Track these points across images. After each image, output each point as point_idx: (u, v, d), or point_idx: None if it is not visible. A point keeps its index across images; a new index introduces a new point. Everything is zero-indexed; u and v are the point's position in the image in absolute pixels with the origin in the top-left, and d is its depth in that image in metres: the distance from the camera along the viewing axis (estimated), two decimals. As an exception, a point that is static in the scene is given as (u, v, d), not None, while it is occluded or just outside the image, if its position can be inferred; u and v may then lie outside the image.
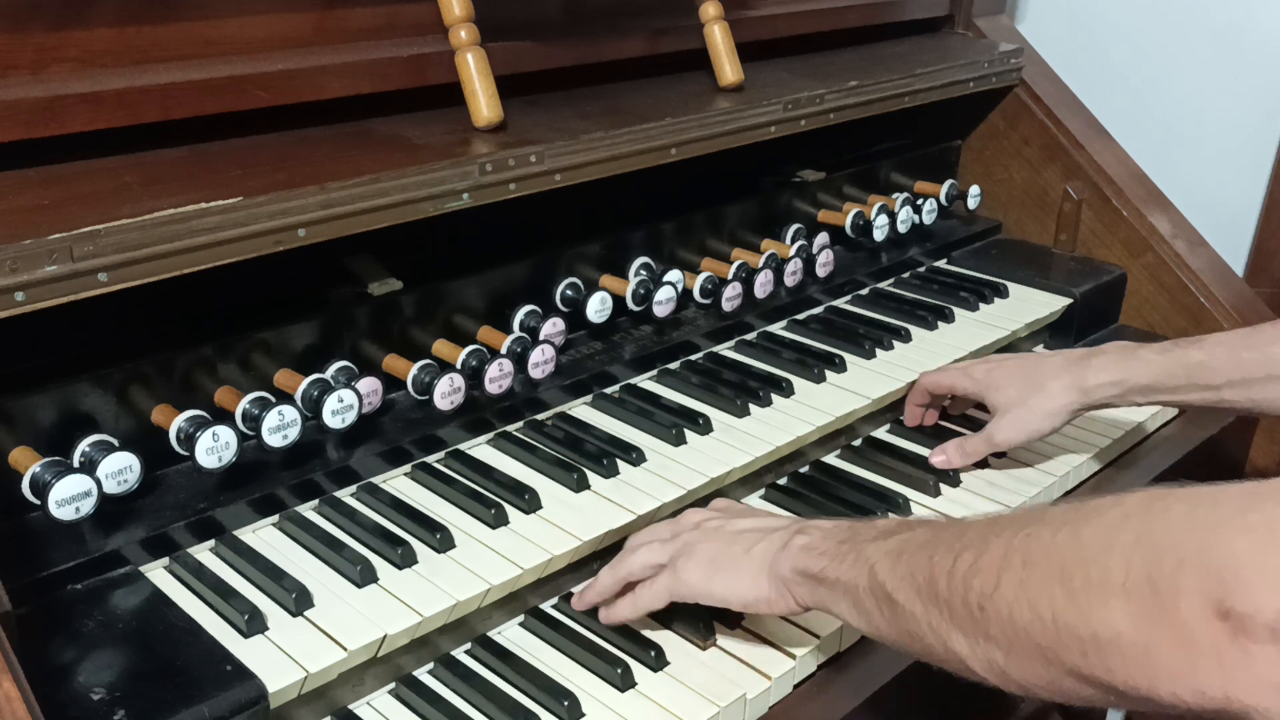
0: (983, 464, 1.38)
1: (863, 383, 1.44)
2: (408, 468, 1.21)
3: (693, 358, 1.48)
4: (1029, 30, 2.07)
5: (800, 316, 1.62)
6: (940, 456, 1.34)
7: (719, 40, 1.45)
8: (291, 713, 0.93)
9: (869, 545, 0.89)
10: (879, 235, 1.71)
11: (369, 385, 1.17)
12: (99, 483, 0.97)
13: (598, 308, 1.38)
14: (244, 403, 1.09)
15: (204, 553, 1.06)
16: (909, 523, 0.91)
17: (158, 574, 1.02)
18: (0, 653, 0.74)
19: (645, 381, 1.42)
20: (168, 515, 1.04)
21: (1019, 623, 0.72)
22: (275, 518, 1.11)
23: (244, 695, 0.86)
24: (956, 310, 1.66)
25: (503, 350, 1.26)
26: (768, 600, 0.96)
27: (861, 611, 0.88)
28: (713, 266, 1.52)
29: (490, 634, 1.08)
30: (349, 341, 1.21)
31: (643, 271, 1.47)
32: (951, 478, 1.33)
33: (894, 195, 1.78)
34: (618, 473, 1.21)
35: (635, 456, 1.24)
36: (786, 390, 1.40)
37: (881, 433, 1.47)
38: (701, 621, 1.06)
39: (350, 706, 0.98)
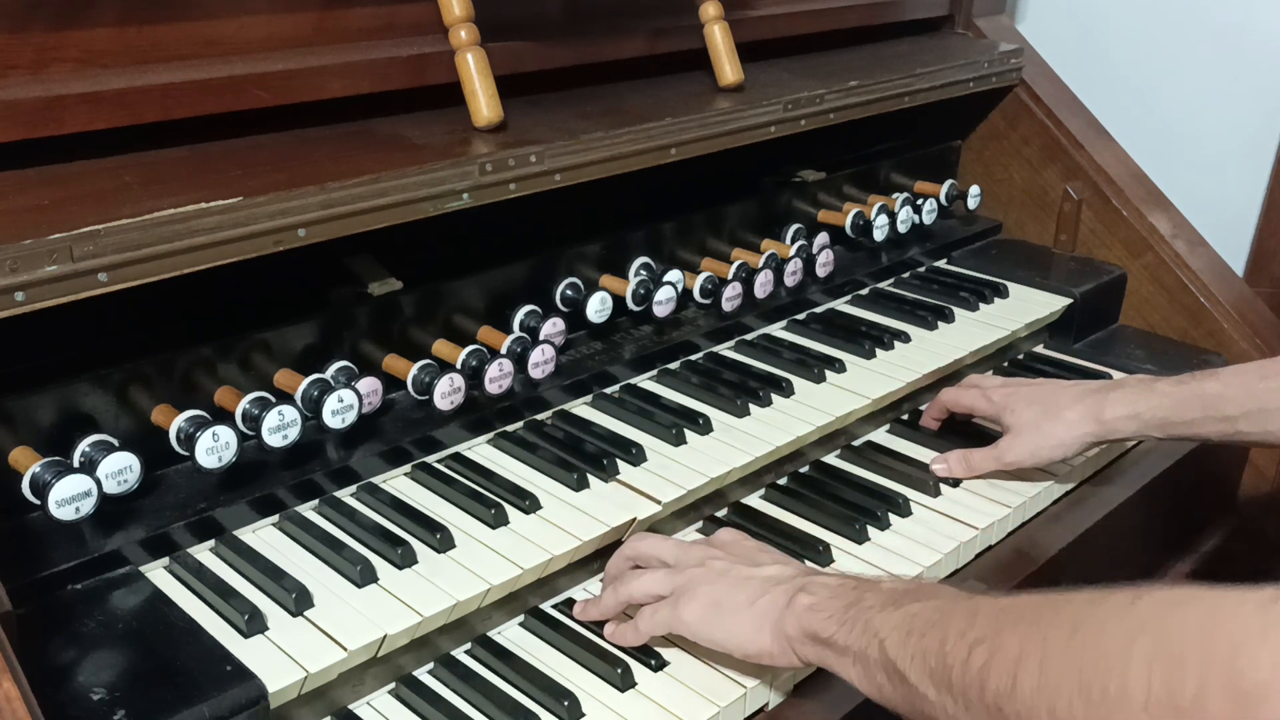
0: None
1: (862, 383, 1.44)
2: (408, 468, 1.21)
3: (693, 358, 1.48)
4: (1029, 30, 2.07)
5: (800, 316, 1.62)
6: (941, 465, 1.33)
7: (719, 40, 1.45)
8: (291, 713, 0.93)
9: (876, 615, 0.87)
10: (879, 235, 1.71)
11: (369, 385, 1.17)
12: (99, 483, 0.97)
13: (598, 308, 1.38)
14: (244, 403, 1.09)
15: (204, 553, 1.06)
16: (915, 591, 0.89)
17: (158, 574, 1.02)
18: (0, 653, 0.74)
19: (645, 381, 1.42)
20: (168, 515, 1.04)
21: None
22: (275, 518, 1.11)
23: (244, 695, 0.86)
24: (956, 310, 1.66)
25: (503, 350, 1.26)
26: (770, 654, 0.96)
27: (872, 682, 0.87)
28: (713, 266, 1.52)
29: (490, 634, 1.08)
30: (349, 341, 1.21)
31: (643, 271, 1.47)
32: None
33: (894, 195, 1.78)
34: (618, 473, 1.21)
35: (635, 456, 1.24)
36: (786, 390, 1.40)
37: (881, 433, 1.47)
38: None
39: (350, 706, 0.98)
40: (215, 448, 1.03)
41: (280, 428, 1.08)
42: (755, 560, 1.03)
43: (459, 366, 1.23)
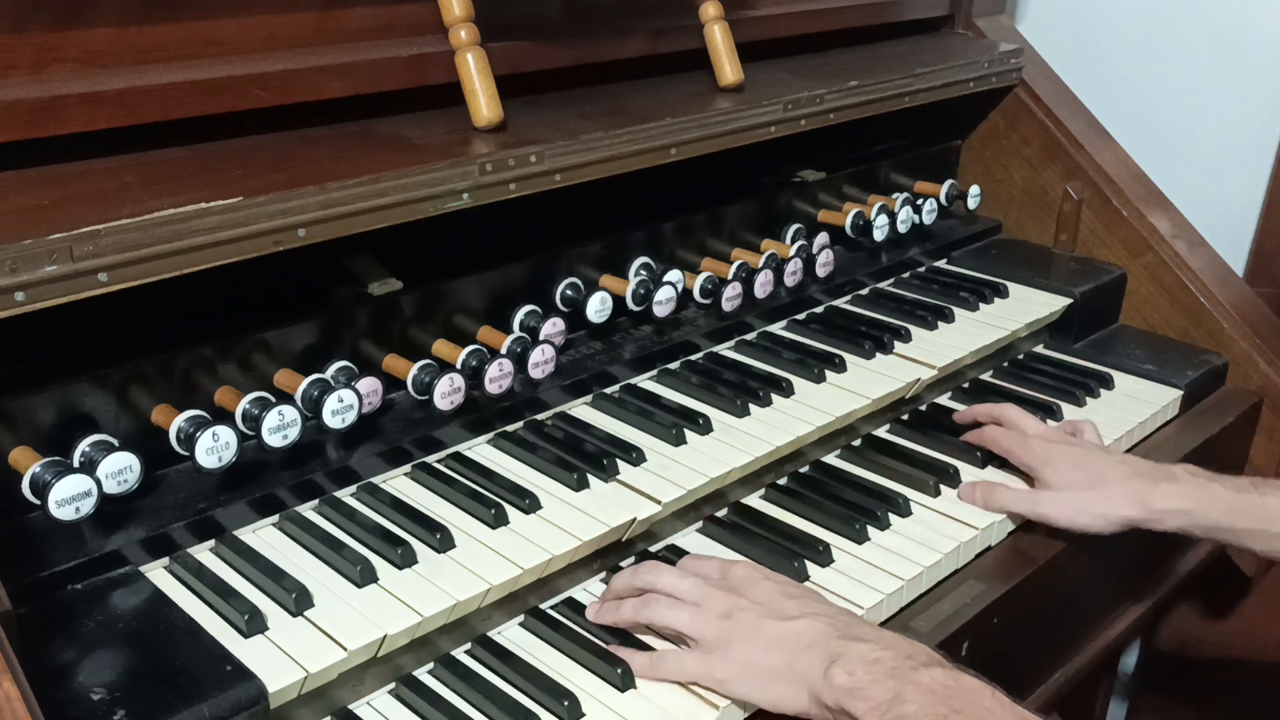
0: (982, 466, 1.38)
1: (863, 383, 1.44)
2: (408, 468, 1.21)
3: (693, 358, 1.48)
4: (1029, 30, 2.07)
5: (800, 316, 1.62)
6: (968, 490, 1.30)
7: (719, 40, 1.45)
8: (291, 713, 0.93)
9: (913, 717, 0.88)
10: (879, 235, 1.71)
11: (369, 385, 1.17)
12: (99, 483, 0.97)
13: (598, 308, 1.38)
14: (244, 403, 1.09)
15: (204, 553, 1.06)
16: (956, 706, 0.88)
17: (158, 574, 1.02)
18: (0, 653, 0.74)
19: (645, 381, 1.42)
20: (168, 515, 1.04)
21: None
22: (275, 518, 1.11)
23: (244, 695, 0.86)
24: (956, 310, 1.66)
25: (503, 350, 1.26)
26: (807, 712, 0.96)
27: None
28: (713, 266, 1.52)
29: (490, 634, 1.08)
30: (349, 341, 1.21)
31: (643, 271, 1.47)
32: (951, 478, 1.33)
33: (894, 195, 1.78)
34: (618, 473, 1.21)
35: (635, 456, 1.24)
36: (786, 390, 1.40)
37: (881, 432, 1.47)
38: None
39: (350, 706, 0.98)
40: (215, 448, 1.03)
41: (280, 428, 1.08)
42: (782, 611, 1.01)
43: (459, 366, 1.23)
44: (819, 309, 1.65)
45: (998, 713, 0.88)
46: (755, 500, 1.31)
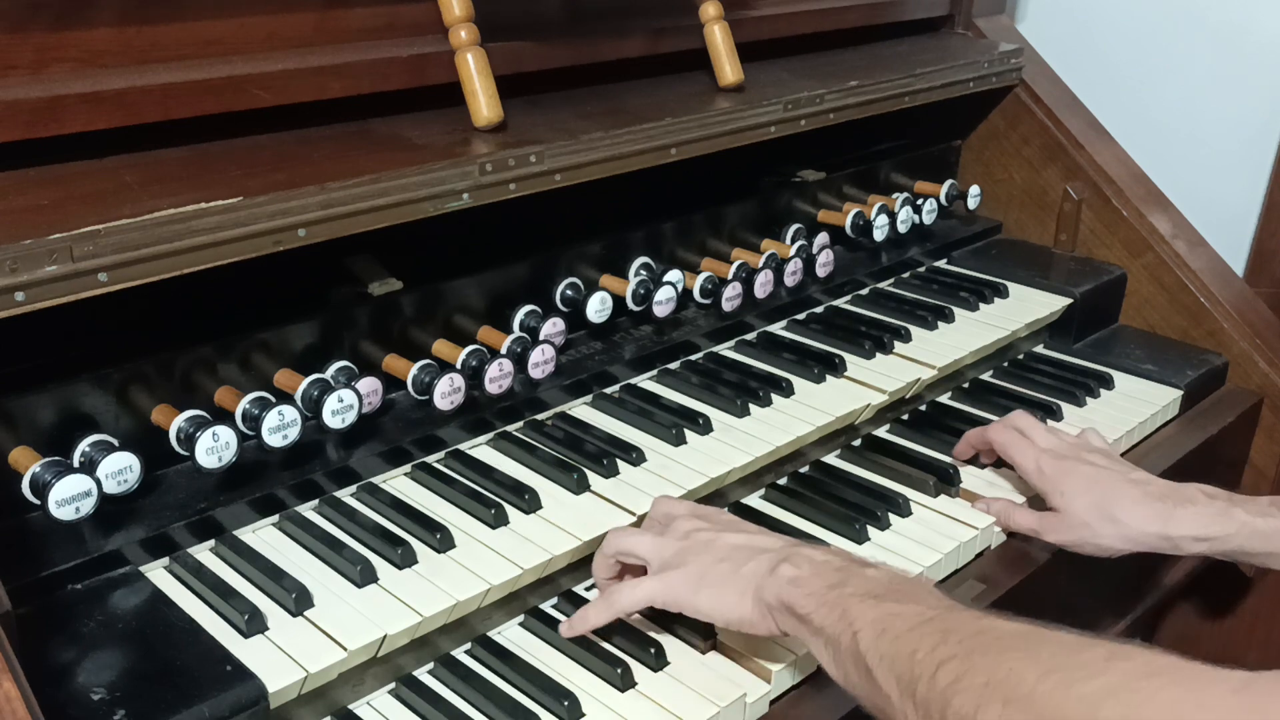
0: (982, 466, 1.38)
1: (863, 383, 1.44)
2: (408, 468, 1.21)
3: (693, 358, 1.48)
4: (1029, 30, 2.07)
5: (800, 316, 1.62)
6: (983, 506, 1.29)
7: (719, 40, 1.45)
8: (291, 713, 0.93)
9: (855, 605, 0.87)
10: (879, 235, 1.71)
11: (369, 385, 1.17)
12: (99, 483, 0.97)
13: (598, 308, 1.38)
14: (244, 403, 1.09)
15: (204, 553, 1.06)
16: (898, 590, 0.88)
17: (158, 574, 1.02)
18: (0, 653, 0.74)
19: (645, 381, 1.42)
20: (168, 515, 1.04)
21: None
22: (275, 518, 1.11)
23: (244, 695, 0.87)
24: (956, 310, 1.66)
25: (503, 350, 1.26)
26: (750, 622, 0.96)
27: (840, 668, 0.87)
28: (713, 266, 1.52)
29: (490, 634, 1.08)
30: (349, 341, 1.21)
31: (643, 271, 1.47)
32: (951, 479, 1.33)
33: (894, 195, 1.78)
34: (618, 473, 1.22)
35: (635, 456, 1.24)
36: (786, 390, 1.40)
37: (881, 432, 1.47)
38: (702, 622, 1.05)
39: (350, 706, 0.98)
40: (215, 448, 1.03)
41: (280, 428, 1.08)
42: (740, 528, 1.03)
43: (459, 366, 1.23)
44: (819, 309, 1.65)
45: (936, 594, 0.88)
46: (755, 500, 1.31)
